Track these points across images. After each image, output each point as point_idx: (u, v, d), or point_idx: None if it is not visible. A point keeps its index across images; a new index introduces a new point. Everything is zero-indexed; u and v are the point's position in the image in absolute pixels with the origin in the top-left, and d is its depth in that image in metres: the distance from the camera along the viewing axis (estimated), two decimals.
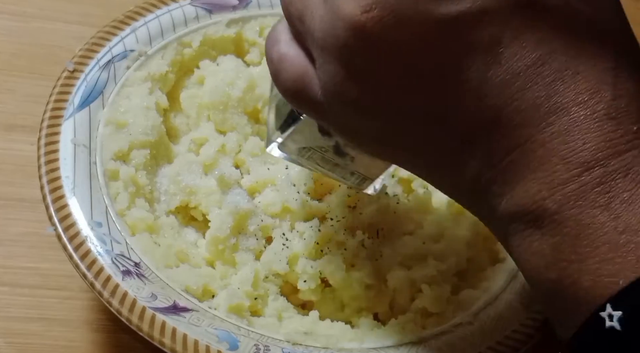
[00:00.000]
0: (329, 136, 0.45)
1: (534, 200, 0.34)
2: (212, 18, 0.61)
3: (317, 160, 0.47)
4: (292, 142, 0.46)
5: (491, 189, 0.36)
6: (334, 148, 0.46)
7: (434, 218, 0.54)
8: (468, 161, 0.36)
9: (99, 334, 0.52)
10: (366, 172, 0.48)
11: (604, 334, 0.32)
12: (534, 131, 0.34)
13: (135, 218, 0.50)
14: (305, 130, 0.45)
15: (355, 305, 0.52)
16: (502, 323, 0.49)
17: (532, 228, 0.34)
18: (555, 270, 0.34)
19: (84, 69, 0.55)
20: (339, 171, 0.48)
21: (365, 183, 0.49)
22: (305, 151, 0.46)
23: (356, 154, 0.46)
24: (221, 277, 0.50)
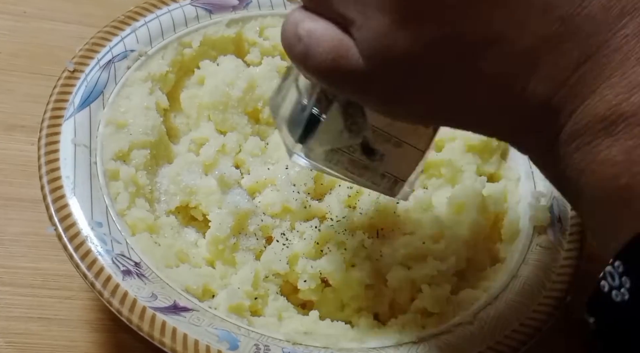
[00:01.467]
0: (356, 133, 0.42)
1: (609, 106, 0.32)
2: (212, 18, 0.61)
3: (345, 164, 0.44)
4: (318, 146, 0.43)
5: (562, 108, 0.34)
6: (362, 146, 0.43)
7: (434, 218, 0.54)
8: (536, 86, 0.34)
9: (99, 334, 0.52)
10: (397, 171, 0.45)
11: None
12: (606, 37, 0.32)
13: (136, 218, 0.50)
14: (331, 130, 0.42)
15: (355, 305, 0.52)
16: (502, 323, 0.49)
17: (603, 137, 0.32)
18: (626, 176, 0.32)
19: (84, 69, 0.55)
20: (370, 175, 0.45)
21: (397, 187, 0.46)
22: (332, 154, 0.43)
23: (385, 149, 0.44)
24: (221, 276, 0.50)
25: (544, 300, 0.50)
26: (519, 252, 0.53)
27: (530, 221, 0.54)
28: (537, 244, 0.53)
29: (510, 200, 0.57)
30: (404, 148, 0.44)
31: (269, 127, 0.59)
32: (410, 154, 0.44)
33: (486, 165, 0.59)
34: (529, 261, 0.52)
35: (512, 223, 0.55)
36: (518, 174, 0.58)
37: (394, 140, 0.43)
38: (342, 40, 0.36)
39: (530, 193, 0.56)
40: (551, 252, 0.53)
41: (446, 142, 0.59)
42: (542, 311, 0.49)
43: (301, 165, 0.46)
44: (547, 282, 0.51)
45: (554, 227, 0.54)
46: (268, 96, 0.58)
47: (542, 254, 0.52)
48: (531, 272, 0.51)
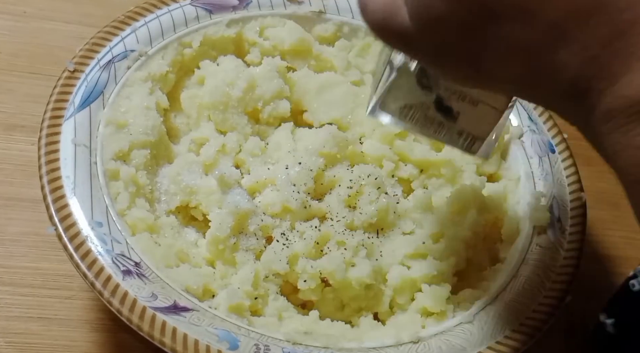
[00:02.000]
0: (429, 90, 0.44)
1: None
2: (212, 18, 0.61)
3: (421, 121, 0.45)
4: (392, 101, 0.45)
5: (592, 86, 0.33)
6: (436, 103, 0.44)
7: (434, 218, 0.54)
8: (566, 60, 0.34)
9: (99, 334, 0.52)
10: (473, 129, 0.46)
11: None
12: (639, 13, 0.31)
13: (136, 218, 0.50)
14: (404, 84, 0.44)
15: (355, 305, 0.52)
16: (502, 323, 0.49)
17: (637, 121, 0.32)
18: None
19: (85, 69, 0.55)
20: (446, 132, 0.46)
21: (475, 145, 0.47)
22: (407, 110, 0.45)
23: (460, 107, 0.45)
24: (221, 276, 0.51)
25: (544, 300, 0.50)
26: (519, 252, 0.53)
27: (530, 221, 0.54)
28: (537, 244, 0.53)
29: (510, 200, 0.57)
30: (480, 107, 0.44)
31: (269, 127, 0.59)
32: (487, 112, 0.45)
33: (486, 165, 0.59)
34: (529, 261, 0.52)
35: (512, 223, 0.55)
36: (518, 174, 0.58)
37: (469, 98, 0.44)
38: (395, 1, 0.37)
39: (530, 193, 0.56)
40: (551, 252, 0.53)
41: None
42: (542, 311, 0.49)
43: (384, 121, 0.47)
44: (547, 282, 0.51)
45: (554, 227, 0.54)
46: (268, 96, 0.58)
47: (542, 254, 0.52)
48: (531, 272, 0.51)
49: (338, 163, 0.55)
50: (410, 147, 0.57)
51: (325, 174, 0.55)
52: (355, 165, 0.56)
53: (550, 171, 0.57)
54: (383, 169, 0.56)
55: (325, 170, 0.55)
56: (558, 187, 0.57)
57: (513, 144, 0.60)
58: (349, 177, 0.54)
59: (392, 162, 0.57)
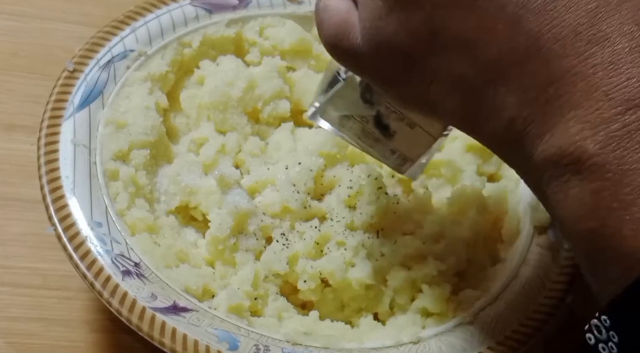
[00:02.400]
0: (370, 105, 0.45)
1: (573, 140, 0.31)
2: (212, 18, 0.61)
3: (357, 133, 0.47)
4: (333, 109, 0.46)
5: (529, 130, 0.33)
6: (375, 118, 0.45)
7: (434, 218, 0.54)
8: (505, 98, 0.34)
9: (98, 334, 0.52)
10: (406, 150, 0.47)
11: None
12: (574, 62, 0.31)
13: (135, 218, 0.50)
14: (347, 95, 0.45)
15: (355, 305, 0.52)
16: (502, 323, 0.49)
17: (571, 173, 0.32)
18: (595, 219, 0.31)
19: (84, 69, 0.55)
20: (380, 148, 0.47)
21: (405, 165, 0.48)
22: (346, 120, 0.46)
23: (397, 127, 0.45)
24: (221, 277, 0.50)
25: (544, 300, 0.50)
26: (519, 252, 0.53)
27: (530, 221, 0.54)
28: (537, 244, 0.53)
29: (510, 200, 0.57)
30: (416, 130, 0.45)
31: (269, 127, 0.59)
32: (422, 137, 0.46)
33: (486, 165, 0.59)
34: (529, 261, 0.52)
35: (512, 224, 0.55)
36: None
37: (407, 120, 0.45)
38: (348, 19, 0.38)
39: (530, 193, 0.56)
40: (551, 252, 0.53)
41: (446, 142, 0.59)
42: (542, 311, 0.49)
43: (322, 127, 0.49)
44: (547, 282, 0.51)
45: (554, 227, 0.54)
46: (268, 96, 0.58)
47: (542, 254, 0.52)
48: (531, 272, 0.51)
49: (338, 163, 0.55)
50: None
51: (325, 174, 0.55)
52: (355, 165, 0.55)
53: None
54: (383, 169, 0.56)
55: (325, 170, 0.55)
56: None
57: None
58: (349, 177, 0.54)
59: None
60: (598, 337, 0.31)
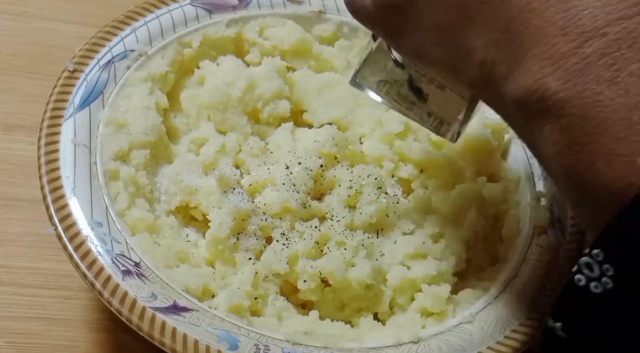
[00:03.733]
0: (402, 68, 0.48)
1: (535, 78, 0.32)
2: (212, 18, 0.61)
3: (394, 96, 0.49)
4: (370, 74, 0.49)
5: (498, 71, 0.34)
6: (408, 82, 0.48)
7: (434, 219, 0.54)
8: (475, 41, 0.36)
9: (99, 334, 0.52)
10: (441, 112, 0.49)
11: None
12: None
13: (136, 218, 0.50)
14: (379, 61, 0.48)
15: (355, 305, 0.52)
16: (502, 323, 0.49)
17: (540, 111, 0.32)
18: (569, 155, 0.31)
19: (84, 69, 0.55)
20: (417, 111, 0.50)
21: (443, 128, 0.50)
22: (383, 85, 0.49)
23: (429, 90, 0.48)
24: (221, 276, 0.50)
25: (544, 300, 0.50)
26: (519, 252, 0.53)
27: (530, 221, 0.54)
28: (537, 244, 0.53)
29: (510, 200, 0.57)
30: (447, 92, 0.48)
31: (269, 127, 0.59)
32: (453, 98, 0.48)
33: (486, 165, 0.59)
34: (529, 261, 0.52)
35: (512, 223, 0.55)
36: (518, 174, 0.58)
37: (438, 82, 0.47)
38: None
39: (530, 193, 0.56)
40: (551, 252, 0.53)
41: (446, 142, 0.59)
42: (542, 311, 0.49)
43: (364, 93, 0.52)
44: (547, 282, 0.51)
45: (554, 227, 0.54)
46: (268, 96, 0.58)
47: (542, 254, 0.52)
48: (531, 272, 0.51)
49: (338, 163, 0.55)
50: (410, 147, 0.57)
51: (325, 174, 0.55)
52: (355, 165, 0.56)
53: None
54: (383, 169, 0.56)
55: (325, 170, 0.55)
56: None
57: (513, 143, 0.60)
58: (349, 177, 0.54)
59: (392, 162, 0.57)
60: (589, 276, 0.30)
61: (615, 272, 0.30)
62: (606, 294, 0.30)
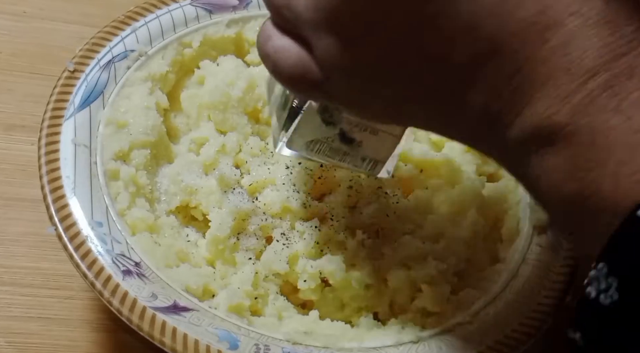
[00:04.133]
0: (332, 125, 0.47)
1: (543, 117, 0.34)
2: (212, 18, 0.61)
3: (326, 152, 0.49)
4: (298, 138, 0.48)
5: (500, 120, 0.36)
6: (340, 136, 0.47)
7: (434, 218, 0.54)
8: (474, 99, 0.36)
9: (99, 334, 0.52)
10: (375, 154, 0.49)
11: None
12: (532, 50, 0.34)
13: (136, 218, 0.50)
14: (309, 123, 0.47)
15: (355, 305, 0.52)
16: (502, 323, 0.49)
17: (546, 146, 0.34)
18: (575, 181, 0.33)
19: (85, 69, 0.55)
20: (350, 159, 0.49)
21: (377, 168, 0.50)
22: (313, 144, 0.48)
23: (362, 137, 0.48)
24: (221, 276, 0.51)
25: (544, 300, 0.50)
26: (519, 252, 0.53)
27: (530, 221, 0.54)
28: (537, 244, 0.53)
29: (510, 200, 0.57)
30: (380, 135, 0.48)
31: (269, 127, 0.59)
32: (387, 139, 0.48)
33: (486, 165, 0.59)
34: (528, 261, 0.52)
35: (512, 223, 0.55)
36: None
37: (370, 129, 0.47)
38: (304, 57, 0.40)
39: None
40: (551, 252, 0.53)
41: (446, 142, 0.60)
42: (542, 311, 0.49)
43: (285, 156, 0.51)
44: (547, 282, 0.51)
45: (554, 227, 0.54)
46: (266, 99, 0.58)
47: (542, 254, 0.52)
48: (531, 272, 0.51)
49: None
50: (410, 147, 0.57)
51: (325, 173, 0.55)
52: None
53: None
54: None
55: (325, 170, 0.55)
56: None
57: None
58: (349, 177, 0.54)
59: None
60: (598, 288, 0.32)
61: (619, 283, 0.31)
62: (613, 306, 0.31)
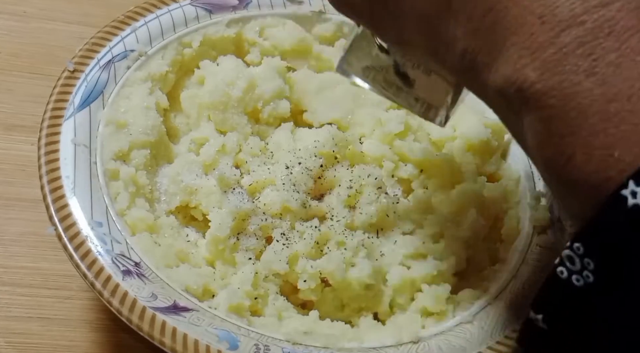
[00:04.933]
0: (386, 54, 0.47)
1: (514, 68, 0.32)
2: (212, 18, 0.61)
3: (381, 82, 0.49)
4: (355, 60, 0.48)
5: (479, 60, 0.34)
6: (394, 68, 0.48)
7: (434, 218, 0.54)
8: (455, 31, 0.35)
9: (99, 334, 0.52)
10: (428, 97, 0.48)
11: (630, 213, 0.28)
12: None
13: (136, 218, 0.50)
14: (364, 47, 0.48)
15: (355, 305, 0.52)
16: (502, 323, 0.49)
17: (520, 102, 0.32)
18: (549, 147, 0.31)
19: (84, 69, 0.55)
20: (404, 96, 0.49)
21: (431, 112, 0.49)
22: (369, 71, 0.48)
23: (415, 75, 0.47)
24: (221, 276, 0.51)
25: None
26: (519, 252, 0.53)
27: (530, 221, 0.54)
28: (537, 244, 0.53)
29: (510, 200, 0.57)
30: (433, 77, 0.47)
31: (269, 127, 0.59)
32: (439, 83, 0.47)
33: (486, 165, 0.59)
34: (529, 261, 0.52)
35: (512, 223, 0.55)
36: (518, 174, 0.58)
37: (423, 67, 0.47)
38: None
39: (530, 193, 0.56)
40: (551, 252, 0.53)
41: (446, 142, 0.60)
42: None
43: (351, 79, 0.50)
44: None
45: (554, 227, 0.54)
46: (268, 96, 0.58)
47: (542, 254, 0.52)
48: (531, 272, 0.51)
49: (338, 163, 0.55)
50: (410, 147, 0.57)
51: (325, 174, 0.55)
52: (355, 165, 0.56)
53: None
54: (383, 169, 0.56)
55: (325, 170, 0.55)
56: None
57: (513, 144, 0.60)
58: (349, 177, 0.54)
59: (392, 162, 0.57)
60: (571, 268, 0.31)
61: (595, 267, 0.30)
62: (587, 287, 0.30)
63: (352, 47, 0.48)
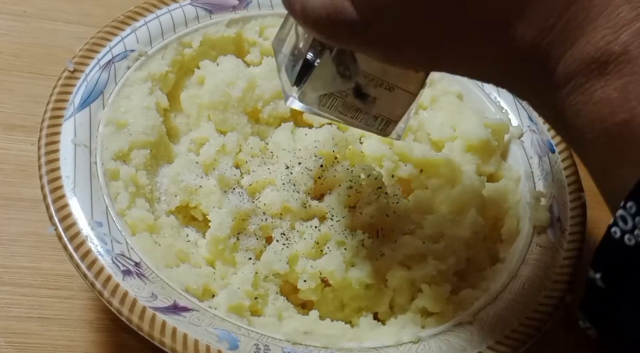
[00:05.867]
0: (348, 78, 0.45)
1: (597, 47, 0.33)
2: (212, 18, 0.61)
3: (338, 108, 0.47)
4: (311, 91, 0.46)
5: (550, 53, 0.35)
6: (354, 90, 0.46)
7: (434, 218, 0.54)
8: (522, 34, 0.35)
9: (99, 334, 0.52)
10: (389, 113, 0.48)
11: None
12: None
13: (136, 218, 0.50)
14: (323, 75, 0.45)
15: (355, 305, 0.52)
16: (502, 323, 0.49)
17: (596, 77, 0.34)
18: (623, 112, 0.33)
19: (84, 69, 0.55)
20: (362, 117, 0.48)
21: (389, 128, 0.49)
22: (326, 98, 0.46)
23: (377, 93, 0.46)
24: (221, 276, 0.51)
25: (544, 300, 0.50)
26: (519, 252, 0.53)
27: (530, 221, 0.54)
28: (537, 244, 0.53)
29: (510, 200, 0.57)
30: (396, 92, 0.46)
31: (269, 127, 0.59)
32: (402, 96, 0.47)
33: (486, 165, 0.59)
34: (529, 261, 0.52)
35: (512, 223, 0.55)
36: (518, 174, 0.58)
37: (386, 84, 0.46)
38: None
39: (530, 193, 0.56)
40: (551, 252, 0.53)
41: (446, 142, 0.60)
42: (542, 311, 0.49)
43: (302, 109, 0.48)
44: (547, 282, 0.51)
45: (554, 227, 0.54)
46: (268, 96, 0.58)
47: (542, 254, 0.52)
48: (531, 272, 0.51)
49: (338, 163, 0.55)
50: (410, 147, 0.57)
51: (325, 174, 0.55)
52: (355, 165, 0.56)
53: (550, 171, 0.57)
54: (383, 169, 0.56)
55: (325, 170, 0.55)
56: (558, 187, 0.57)
57: (513, 144, 0.60)
58: (349, 177, 0.54)
59: (392, 162, 0.57)
60: (623, 228, 0.31)
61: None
62: (637, 247, 0.31)
63: (311, 78, 0.45)
